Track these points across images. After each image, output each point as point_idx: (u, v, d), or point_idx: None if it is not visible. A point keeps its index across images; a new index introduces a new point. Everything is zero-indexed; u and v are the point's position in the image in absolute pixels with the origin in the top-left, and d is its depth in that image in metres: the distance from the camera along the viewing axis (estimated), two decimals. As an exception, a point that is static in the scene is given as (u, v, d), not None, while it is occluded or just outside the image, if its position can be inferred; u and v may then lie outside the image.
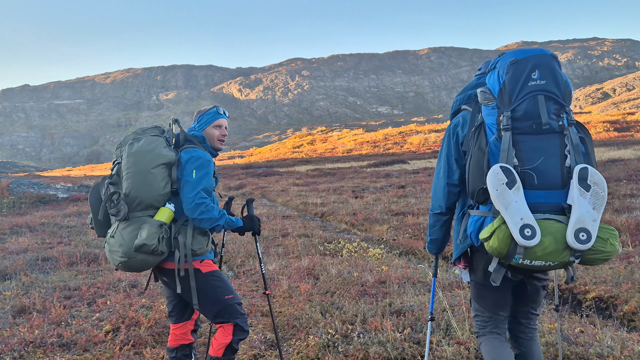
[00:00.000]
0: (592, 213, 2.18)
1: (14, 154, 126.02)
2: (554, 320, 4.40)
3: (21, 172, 57.09)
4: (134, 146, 3.08)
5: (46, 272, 7.60)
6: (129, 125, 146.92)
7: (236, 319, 3.15)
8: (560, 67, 2.33)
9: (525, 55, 2.31)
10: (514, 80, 2.29)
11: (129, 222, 3.00)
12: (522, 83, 2.28)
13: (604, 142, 31.94)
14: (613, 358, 3.55)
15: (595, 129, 38.92)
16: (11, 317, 5.42)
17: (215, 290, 3.14)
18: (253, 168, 36.83)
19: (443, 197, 2.66)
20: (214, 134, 3.39)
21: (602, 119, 42.87)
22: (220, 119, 3.41)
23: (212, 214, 3.05)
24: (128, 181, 3.04)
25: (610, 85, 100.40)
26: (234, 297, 3.20)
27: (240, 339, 3.19)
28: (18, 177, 27.40)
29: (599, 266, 6.00)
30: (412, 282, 6.01)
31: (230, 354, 3.16)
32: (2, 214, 15.30)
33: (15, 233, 11.21)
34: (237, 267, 7.74)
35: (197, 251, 3.10)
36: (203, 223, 3.06)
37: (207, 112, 3.42)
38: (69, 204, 17.25)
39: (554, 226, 2.20)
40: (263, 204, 16.87)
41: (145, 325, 4.96)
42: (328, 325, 4.69)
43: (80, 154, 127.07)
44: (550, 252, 2.17)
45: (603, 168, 18.36)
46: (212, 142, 3.39)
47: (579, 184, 2.21)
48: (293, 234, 10.08)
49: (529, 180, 2.26)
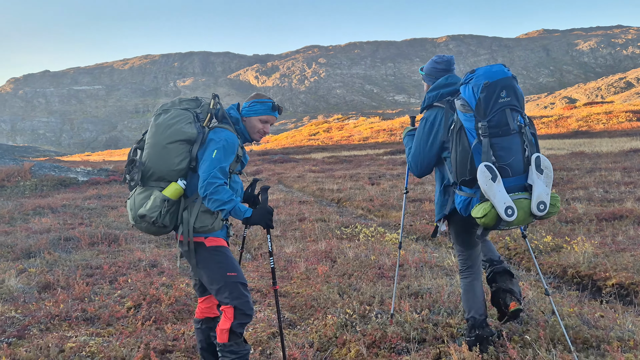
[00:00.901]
0: (546, 189, 3.10)
1: (35, 138, 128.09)
2: (573, 305, 4.38)
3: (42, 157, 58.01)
4: (160, 117, 3.15)
5: (68, 251, 7.75)
6: (146, 111, 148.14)
7: (237, 300, 3.09)
8: (517, 83, 3.16)
9: (495, 78, 3.08)
10: (487, 99, 3.08)
11: (144, 189, 3.12)
12: (494, 101, 3.07)
13: (626, 132, 31.34)
14: (634, 342, 3.53)
15: (617, 118, 38.17)
16: (37, 293, 5.57)
17: (217, 265, 3.12)
18: (269, 155, 36.92)
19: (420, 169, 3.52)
20: (257, 126, 3.37)
21: (625, 109, 41.99)
22: (271, 115, 3.38)
23: (221, 196, 2.97)
24: (146, 151, 3.14)
25: (634, 74, 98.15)
26: (238, 276, 3.15)
27: (242, 323, 3.12)
28: (39, 161, 27.86)
29: (620, 254, 5.94)
30: (430, 266, 6.02)
31: (236, 339, 3.12)
32: (25, 195, 15.60)
33: (38, 214, 11.45)
34: (255, 250, 7.81)
35: (198, 229, 3.09)
36: (210, 203, 2.99)
37: (264, 102, 3.36)
38: (89, 187, 17.52)
39: (523, 203, 3.09)
40: (279, 190, 16.94)
41: (166, 303, 5.05)
42: (346, 305, 4.73)
43: (99, 140, 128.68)
44: (521, 220, 3.10)
45: (625, 158, 18.07)
46: (251, 133, 3.38)
47: (536, 169, 3.09)
48: (310, 219, 10.12)
49: (504, 172, 3.10)
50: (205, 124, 3.20)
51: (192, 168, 3.14)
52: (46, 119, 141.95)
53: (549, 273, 5.87)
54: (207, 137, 3.15)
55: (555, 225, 7.92)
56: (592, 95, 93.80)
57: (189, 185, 3.16)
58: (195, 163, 3.12)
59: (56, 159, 51.32)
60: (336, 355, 3.86)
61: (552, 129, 38.95)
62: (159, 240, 8.64)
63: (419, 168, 3.53)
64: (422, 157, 3.49)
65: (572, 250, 6.14)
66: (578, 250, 5.99)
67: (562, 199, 10.41)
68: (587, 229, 7.56)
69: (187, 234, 3.09)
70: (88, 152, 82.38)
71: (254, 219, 3.08)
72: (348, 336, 4.05)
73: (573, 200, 10.15)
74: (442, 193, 3.55)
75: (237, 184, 3.29)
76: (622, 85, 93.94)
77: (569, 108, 53.21)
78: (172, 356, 3.92)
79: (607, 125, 36.59)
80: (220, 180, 3.01)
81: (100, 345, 4.06)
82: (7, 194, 15.53)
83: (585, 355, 3.40)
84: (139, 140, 3.28)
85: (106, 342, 4.17)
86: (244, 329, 3.16)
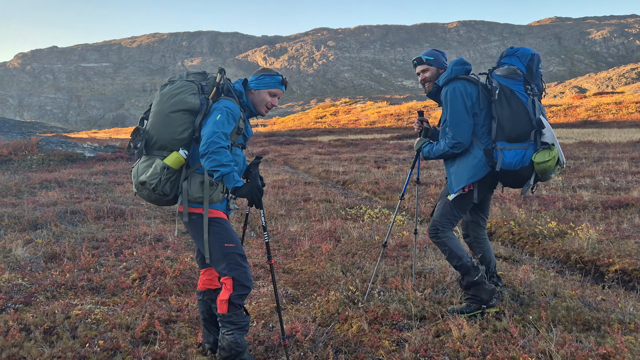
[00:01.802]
0: None
1: (42, 114, 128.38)
2: (575, 287, 4.39)
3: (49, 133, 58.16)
4: (166, 88, 3.21)
5: (75, 224, 7.82)
6: (153, 90, 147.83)
7: (234, 271, 3.11)
8: None
9: (534, 52, 3.76)
10: (534, 67, 3.74)
11: (147, 158, 3.18)
12: (536, 68, 3.74)
13: (635, 123, 31.06)
14: (634, 325, 3.54)
15: (627, 109, 37.80)
16: (43, 262, 5.63)
17: (215, 237, 3.14)
18: (276, 136, 36.91)
19: (468, 132, 3.77)
20: (266, 99, 3.38)
21: (635, 100, 41.55)
22: (279, 89, 3.41)
23: (221, 157, 2.93)
24: (150, 119, 3.21)
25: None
26: (236, 247, 3.18)
27: (241, 295, 3.15)
28: (47, 136, 27.96)
29: (624, 241, 5.94)
30: (433, 247, 6.03)
31: (235, 310, 3.16)
32: (32, 169, 15.69)
33: (45, 187, 11.52)
34: (259, 228, 7.85)
35: (197, 199, 3.12)
36: (208, 161, 2.94)
37: (273, 76, 3.39)
38: (96, 162, 17.60)
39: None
40: (285, 171, 16.96)
41: (170, 275, 5.11)
42: (349, 282, 4.77)
43: (106, 117, 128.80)
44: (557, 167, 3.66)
45: (633, 148, 17.93)
46: (259, 105, 3.39)
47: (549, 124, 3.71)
48: (315, 199, 10.15)
49: None
50: (210, 97, 3.22)
51: (195, 139, 3.16)
52: (53, 95, 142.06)
53: (552, 258, 5.87)
54: (210, 107, 3.17)
55: (561, 211, 7.91)
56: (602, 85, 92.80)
57: (190, 156, 3.18)
58: (198, 134, 3.14)
59: (63, 135, 51.48)
60: (338, 330, 3.90)
61: (560, 118, 38.65)
62: (164, 216, 8.70)
63: (465, 135, 3.76)
64: (467, 125, 3.75)
65: (576, 236, 6.13)
66: (582, 237, 5.98)
67: (569, 186, 10.37)
68: (592, 216, 7.55)
69: (185, 204, 3.13)
70: (95, 130, 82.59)
71: (241, 191, 2.99)
72: (350, 312, 4.09)
73: (579, 187, 10.11)
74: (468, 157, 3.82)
75: (238, 157, 3.30)
76: (634, 75, 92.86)
77: (578, 97, 52.69)
78: (175, 326, 3.97)
79: (617, 116, 36.26)
80: (224, 142, 3.00)
81: (105, 313, 4.12)
82: (15, 168, 15.63)
83: (585, 336, 3.42)
84: (146, 110, 3.33)
85: (111, 311, 4.23)
86: (243, 300, 3.19)
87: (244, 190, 3.00)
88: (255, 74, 3.42)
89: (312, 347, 3.57)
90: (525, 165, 3.63)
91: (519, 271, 4.85)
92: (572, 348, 3.10)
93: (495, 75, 3.74)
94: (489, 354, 3.15)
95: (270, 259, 3.37)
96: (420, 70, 4.08)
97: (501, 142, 3.70)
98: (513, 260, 5.72)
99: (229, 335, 3.17)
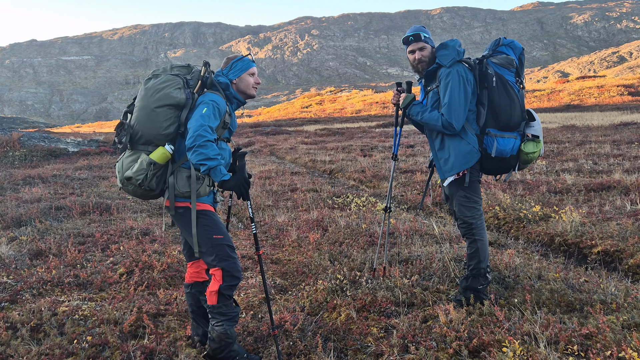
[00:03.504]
0: None
1: (23, 110, 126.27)
2: (559, 270, 4.47)
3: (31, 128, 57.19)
4: (150, 82, 3.17)
5: (60, 220, 7.75)
6: (137, 82, 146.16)
7: (224, 262, 3.13)
8: None
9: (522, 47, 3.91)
10: (523, 61, 3.87)
11: (132, 153, 3.15)
12: (523, 63, 3.88)
13: (617, 106, 31.48)
14: (616, 305, 3.62)
15: (609, 92, 38.26)
16: (28, 259, 5.58)
17: (203, 229, 3.15)
18: (262, 127, 36.73)
19: (463, 119, 3.72)
20: (249, 81, 3.40)
21: (617, 83, 42.05)
22: (253, 66, 3.42)
23: (208, 150, 2.95)
24: (135, 114, 3.17)
25: (627, 48, 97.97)
26: (224, 239, 3.19)
27: (231, 285, 3.17)
28: (29, 132, 27.53)
29: (606, 223, 6.04)
30: (420, 235, 6.08)
31: (225, 301, 3.17)
32: (14, 166, 15.48)
33: (28, 184, 11.38)
34: (247, 219, 7.84)
35: (184, 194, 3.12)
36: (194, 155, 2.95)
37: (242, 59, 3.39)
38: (80, 157, 17.40)
39: None
40: (272, 161, 16.92)
41: (158, 269, 5.09)
42: (337, 271, 4.79)
43: (89, 111, 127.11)
44: None
45: (615, 131, 18.18)
46: (247, 89, 3.41)
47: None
48: (302, 189, 10.15)
49: None
50: (195, 91, 3.20)
51: (181, 133, 3.15)
52: (34, 89, 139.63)
53: (536, 241, 5.96)
54: (195, 102, 3.16)
55: (545, 195, 8.01)
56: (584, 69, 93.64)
57: (176, 151, 3.17)
58: (184, 129, 3.12)
59: (46, 130, 50.69)
60: (327, 319, 3.93)
61: (544, 102, 38.99)
62: (151, 210, 8.65)
63: (460, 121, 3.71)
64: (463, 110, 3.70)
65: (560, 220, 6.22)
66: (566, 220, 6.07)
67: (552, 170, 10.50)
68: (576, 199, 7.65)
69: (172, 199, 3.12)
70: (78, 124, 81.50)
71: (229, 184, 3.03)
72: (338, 300, 4.12)
73: (563, 171, 10.24)
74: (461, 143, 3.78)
75: (224, 151, 3.29)
76: (615, 59, 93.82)
77: (561, 82, 53.15)
78: (164, 319, 3.97)
79: (599, 100, 36.69)
80: (211, 136, 3.00)
81: (93, 309, 4.10)
82: (-4, 164, 15.39)
83: (568, 318, 3.48)
84: (129, 104, 3.29)
85: (99, 306, 4.21)
86: (232, 291, 3.21)
87: (231, 183, 3.03)
88: (225, 66, 3.42)
89: (301, 337, 3.60)
90: (513, 154, 3.76)
91: (504, 255, 4.92)
92: (555, 329, 3.16)
93: (492, 63, 3.75)
94: (475, 338, 3.20)
95: (259, 250, 3.39)
96: (417, 48, 3.81)
97: (493, 129, 3.74)
98: (498, 245, 5.80)
99: (219, 326, 3.18)
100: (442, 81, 3.72)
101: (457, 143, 3.79)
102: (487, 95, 3.71)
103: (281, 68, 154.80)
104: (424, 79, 3.93)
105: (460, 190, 3.85)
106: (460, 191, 3.85)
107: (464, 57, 3.82)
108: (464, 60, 3.78)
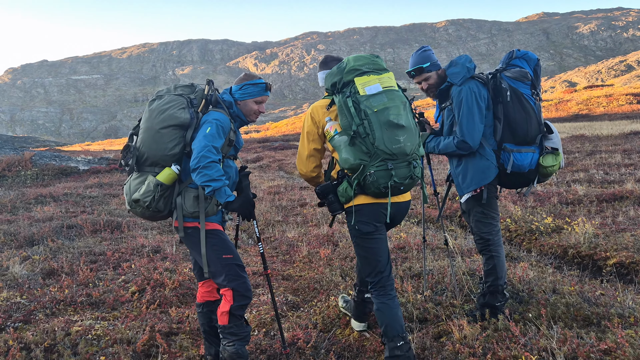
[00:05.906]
0: None
1: (35, 129, 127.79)
2: (574, 283, 4.41)
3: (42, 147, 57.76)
4: (154, 103, 3.18)
5: (72, 239, 7.79)
6: (145, 100, 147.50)
7: (234, 282, 3.12)
8: None
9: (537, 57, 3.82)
10: (538, 72, 3.80)
11: (139, 175, 3.16)
12: (539, 74, 3.81)
13: (626, 115, 31.24)
14: (634, 319, 3.56)
15: (617, 101, 38.03)
16: (41, 279, 5.61)
17: (212, 249, 3.14)
18: (269, 142, 36.84)
19: (478, 136, 3.66)
20: (253, 108, 3.39)
21: (625, 92, 41.81)
22: (264, 96, 3.41)
23: (212, 172, 2.93)
24: (140, 136, 3.18)
25: (635, 57, 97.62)
26: (234, 258, 3.18)
27: (242, 305, 3.15)
28: (40, 151, 27.83)
29: (620, 234, 5.97)
30: (431, 248, 6.05)
31: (236, 321, 3.16)
32: (27, 185, 15.62)
33: (40, 202, 11.47)
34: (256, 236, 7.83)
35: (192, 214, 3.12)
36: (199, 176, 2.94)
37: (256, 84, 3.37)
38: (90, 175, 17.53)
39: None
40: (280, 176, 16.95)
41: (169, 287, 5.10)
42: (349, 287, 4.77)
43: (99, 129, 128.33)
44: None
45: (625, 140, 18.03)
46: (248, 115, 3.40)
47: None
48: (311, 204, 10.15)
49: None
50: (199, 110, 3.21)
51: (187, 153, 3.15)
52: (45, 109, 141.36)
53: (549, 254, 5.90)
54: (199, 120, 3.16)
55: (556, 206, 7.94)
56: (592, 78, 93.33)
57: (183, 171, 3.18)
58: (189, 148, 3.12)
59: (56, 148, 51.15)
60: (340, 335, 3.91)
61: (552, 112, 38.83)
62: (162, 227, 8.68)
63: (475, 138, 3.66)
64: (479, 127, 3.66)
65: (572, 231, 6.16)
66: (579, 231, 6.01)
67: (563, 181, 10.42)
68: (588, 210, 7.58)
69: (181, 219, 3.13)
70: (88, 142, 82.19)
71: (233, 205, 3.03)
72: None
73: (574, 182, 10.16)
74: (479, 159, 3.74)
75: (230, 169, 3.29)
76: (623, 68, 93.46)
77: (569, 91, 52.96)
78: (177, 338, 3.97)
79: (608, 109, 36.47)
80: (215, 156, 2.99)
81: (105, 328, 4.10)
82: (9, 184, 15.55)
83: (586, 332, 3.43)
84: (135, 126, 3.29)
85: (112, 325, 4.22)
86: (243, 311, 3.20)
87: (236, 204, 3.05)
88: (238, 83, 3.41)
89: (315, 354, 3.58)
90: (532, 168, 3.72)
91: (517, 269, 4.87)
92: (573, 345, 3.12)
93: (505, 77, 3.71)
94: (489, 353, 3.16)
95: (266, 269, 3.39)
96: (422, 79, 3.88)
97: (509, 144, 3.70)
98: (511, 258, 5.74)
99: (230, 346, 3.17)
100: (455, 99, 3.70)
101: (474, 159, 3.76)
102: (502, 109, 3.68)
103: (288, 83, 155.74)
104: (438, 99, 3.94)
105: (477, 206, 3.82)
106: (477, 207, 3.82)
107: (475, 73, 3.77)
108: (476, 76, 3.74)
